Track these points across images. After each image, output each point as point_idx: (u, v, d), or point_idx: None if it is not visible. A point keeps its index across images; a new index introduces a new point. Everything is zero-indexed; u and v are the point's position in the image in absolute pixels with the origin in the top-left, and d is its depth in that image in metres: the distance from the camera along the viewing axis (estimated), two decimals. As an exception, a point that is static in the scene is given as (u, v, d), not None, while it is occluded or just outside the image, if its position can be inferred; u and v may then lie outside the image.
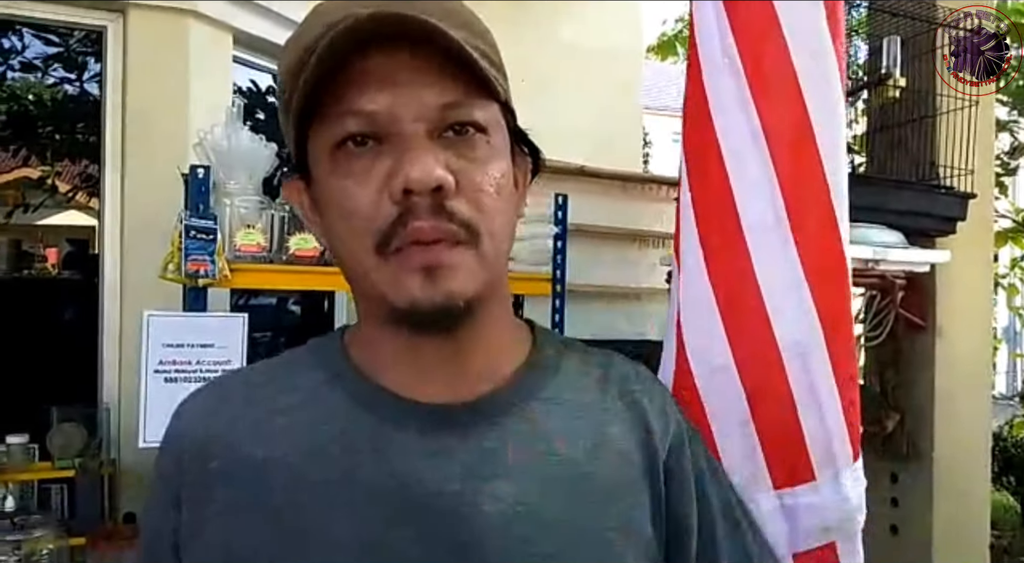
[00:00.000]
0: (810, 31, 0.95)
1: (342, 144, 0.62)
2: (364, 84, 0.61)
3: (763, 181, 0.94)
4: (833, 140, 0.95)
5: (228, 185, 2.09)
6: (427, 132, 0.61)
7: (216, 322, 2.06)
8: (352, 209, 0.62)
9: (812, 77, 0.94)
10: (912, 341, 2.15)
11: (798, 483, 0.94)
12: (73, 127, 5.92)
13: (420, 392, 0.67)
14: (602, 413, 0.72)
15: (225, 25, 2.79)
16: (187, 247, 1.99)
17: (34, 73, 5.90)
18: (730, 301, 0.96)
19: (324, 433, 0.66)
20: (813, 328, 0.94)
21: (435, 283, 0.61)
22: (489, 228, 0.63)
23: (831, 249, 0.95)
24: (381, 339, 0.68)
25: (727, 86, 0.96)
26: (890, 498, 2.21)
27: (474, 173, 0.63)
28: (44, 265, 7.49)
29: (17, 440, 2.32)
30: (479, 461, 0.65)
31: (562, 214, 2.56)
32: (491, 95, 0.64)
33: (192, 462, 0.67)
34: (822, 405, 0.94)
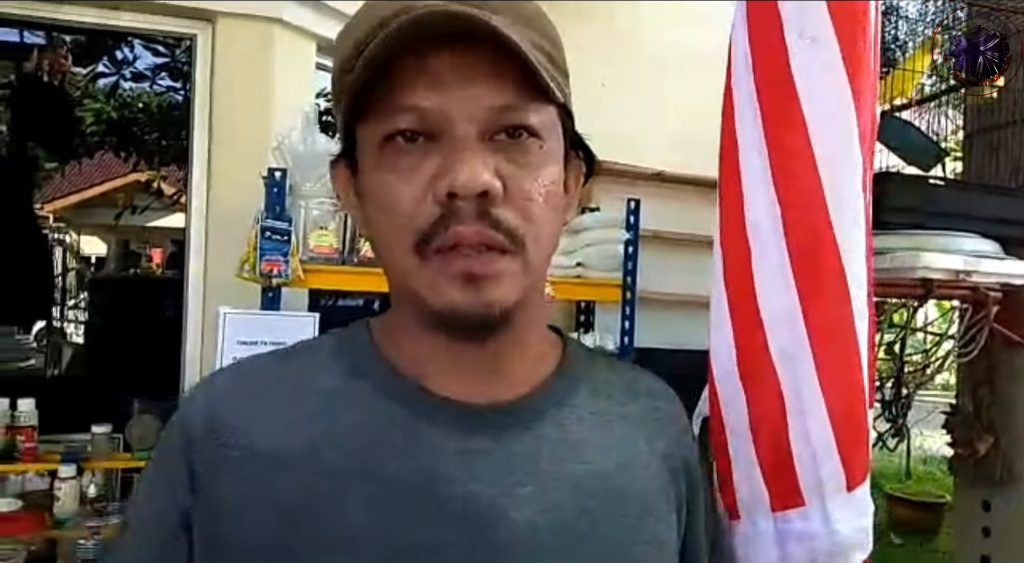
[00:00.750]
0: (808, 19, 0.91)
1: (391, 139, 0.61)
2: (418, 80, 0.59)
3: (763, 183, 0.93)
4: (834, 139, 0.91)
5: (303, 188, 2.14)
6: (479, 134, 0.60)
7: (288, 321, 2.11)
8: (394, 205, 0.61)
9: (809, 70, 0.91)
10: (1008, 358, 2.00)
11: (790, 507, 0.91)
12: (178, 133, 6.23)
13: (453, 390, 0.66)
14: (630, 425, 0.72)
15: (309, 33, 2.87)
16: (262, 247, 2.05)
17: (144, 82, 6.26)
18: (735, 303, 0.95)
19: (347, 424, 0.65)
20: (801, 341, 0.91)
21: (477, 291, 0.60)
22: (535, 236, 0.62)
23: (825, 258, 0.92)
24: (415, 335, 0.67)
25: (743, 90, 0.96)
26: (981, 527, 2.06)
27: (524, 180, 0.61)
28: (149, 265, 7.93)
29: (101, 430, 2.43)
30: (510, 465, 0.64)
31: (634, 219, 2.52)
32: (549, 97, 0.62)
33: (205, 445, 0.65)
34: (808, 424, 0.90)
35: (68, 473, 2.29)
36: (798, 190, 0.91)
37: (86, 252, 11.08)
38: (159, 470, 0.68)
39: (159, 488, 0.67)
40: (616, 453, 0.68)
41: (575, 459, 0.66)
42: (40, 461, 2.38)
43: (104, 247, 10.92)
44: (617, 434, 0.70)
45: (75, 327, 7.54)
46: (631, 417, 0.72)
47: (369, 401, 0.66)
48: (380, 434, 0.64)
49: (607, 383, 0.73)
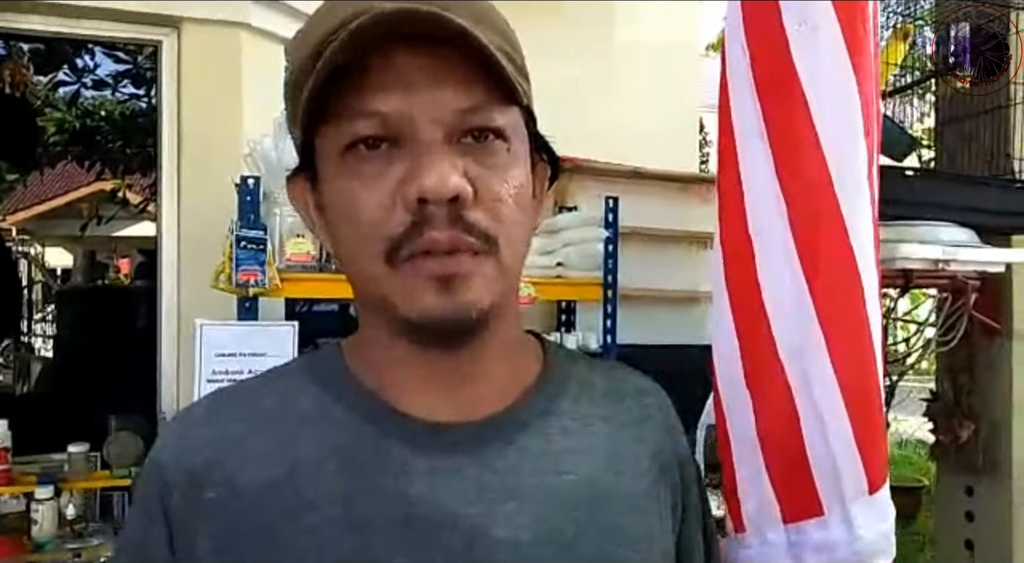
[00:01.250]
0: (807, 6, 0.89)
1: (353, 146, 0.58)
2: (380, 84, 0.57)
3: (765, 176, 0.91)
4: (841, 127, 0.89)
5: (278, 195, 2.11)
6: (445, 136, 0.57)
7: (266, 331, 2.07)
8: (360, 214, 0.58)
9: (810, 59, 0.89)
10: (987, 345, 2.03)
11: (805, 517, 0.87)
12: (142, 140, 6.12)
13: (428, 409, 0.64)
14: (617, 427, 0.70)
15: (276, 36, 2.82)
16: (238, 257, 2.02)
17: (105, 90, 6.15)
18: (738, 302, 0.92)
19: (323, 451, 0.63)
20: (812, 334, 0.87)
21: (451, 293, 0.58)
22: (508, 237, 0.60)
23: (835, 250, 0.89)
24: (386, 352, 0.65)
25: (740, 81, 0.93)
26: (965, 512, 2.09)
27: (493, 181, 0.59)
28: (117, 275, 7.79)
29: (78, 449, 2.38)
30: (492, 481, 0.62)
31: (613, 217, 2.52)
32: (513, 99, 0.61)
33: (183, 493, 0.63)
34: (824, 420, 0.86)
35: (45, 495, 2.23)
36: (804, 181, 0.88)
37: (51, 264, 10.88)
38: (140, 517, 0.66)
39: (142, 534, 0.65)
40: (602, 457, 0.67)
41: (560, 470, 0.65)
42: (15, 483, 2.31)
43: (69, 258, 10.72)
44: (603, 437, 0.68)
45: (43, 341, 7.39)
46: (617, 418, 0.71)
47: (343, 425, 0.64)
48: (356, 459, 0.62)
49: (590, 386, 0.72)
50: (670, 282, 3.35)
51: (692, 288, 3.40)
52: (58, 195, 10.05)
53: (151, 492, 0.64)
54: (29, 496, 2.29)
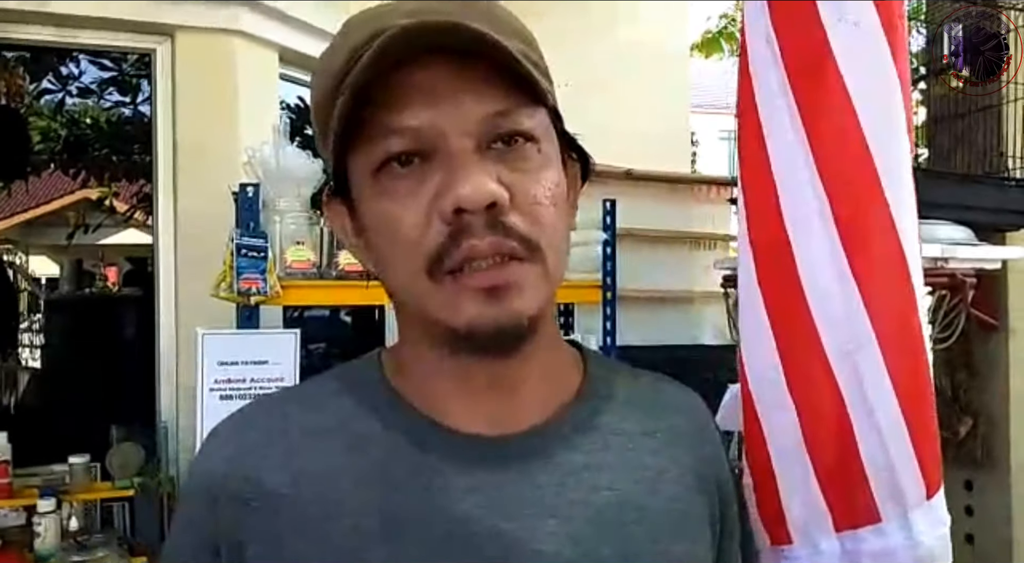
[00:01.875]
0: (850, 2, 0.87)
1: (385, 165, 0.58)
2: (405, 99, 0.57)
3: (804, 174, 0.87)
4: (884, 122, 0.86)
5: (277, 203, 2.10)
6: (475, 146, 0.57)
7: (269, 339, 2.07)
8: (399, 233, 0.58)
9: (853, 54, 0.86)
10: (984, 342, 2.05)
11: (861, 524, 0.83)
12: (129, 148, 6.07)
13: (469, 423, 0.64)
14: (656, 444, 0.69)
15: (270, 43, 2.83)
16: (238, 265, 2.01)
17: (90, 97, 6.09)
18: (776, 305, 0.88)
19: (361, 465, 0.63)
20: (863, 328, 0.83)
21: (499, 303, 0.57)
22: (549, 241, 0.59)
23: (884, 242, 0.85)
24: (428, 366, 0.65)
25: (769, 75, 0.90)
26: (964, 507, 2.11)
27: (528, 184, 0.59)
28: (104, 283, 7.72)
29: (79, 460, 2.36)
30: (534, 497, 0.62)
31: (611, 220, 2.53)
32: (538, 101, 0.60)
33: (227, 505, 0.63)
34: (879, 421, 0.83)
35: (47, 507, 2.21)
36: (850, 177, 0.85)
37: (37, 273, 10.76)
38: (179, 536, 0.67)
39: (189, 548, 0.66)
40: (643, 475, 0.67)
41: (601, 486, 0.64)
42: (16, 497, 2.30)
43: (55, 267, 10.61)
44: (644, 454, 0.68)
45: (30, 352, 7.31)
46: (658, 435, 0.70)
47: (385, 442, 0.63)
48: (399, 476, 0.62)
49: (631, 401, 0.71)
50: (664, 282, 3.36)
51: (687, 288, 3.42)
52: (43, 203, 9.96)
53: (196, 504, 0.65)
54: (30, 509, 2.28)
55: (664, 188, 3.42)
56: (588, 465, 0.65)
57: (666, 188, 3.43)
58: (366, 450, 0.63)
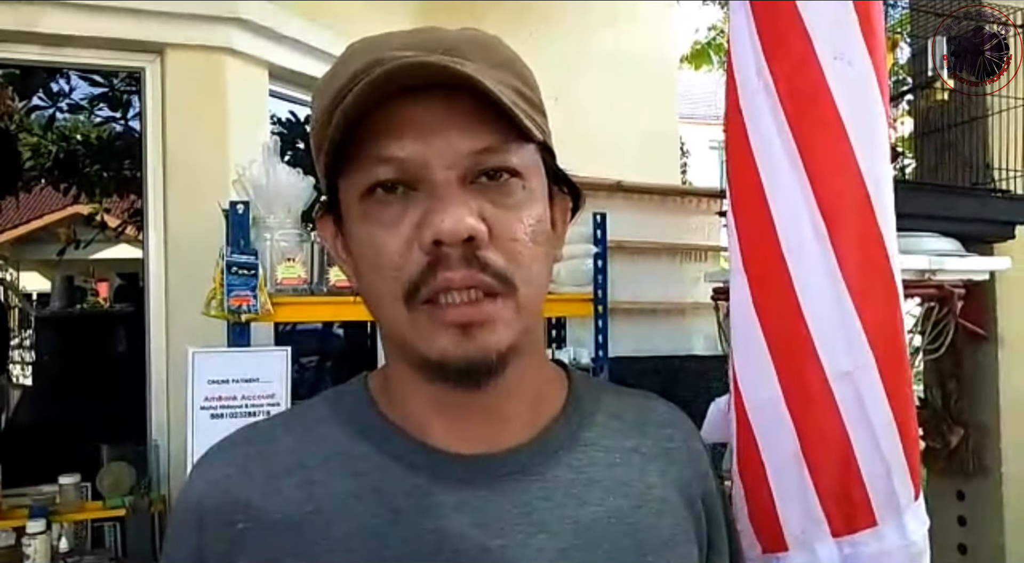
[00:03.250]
0: (842, 40, 0.91)
1: (371, 191, 0.60)
2: (396, 130, 0.59)
3: (800, 200, 0.91)
4: (874, 153, 0.91)
5: (268, 220, 2.10)
6: (459, 179, 0.59)
7: (260, 357, 2.06)
8: (380, 258, 0.60)
9: (847, 89, 0.91)
10: (974, 352, 2.06)
11: (858, 529, 0.88)
12: (120, 164, 6.06)
13: (456, 443, 0.65)
14: (642, 459, 0.71)
15: (260, 60, 2.83)
16: (229, 283, 2.01)
17: (81, 113, 6.09)
18: (774, 328, 0.92)
19: (353, 488, 0.64)
20: (863, 352, 0.88)
21: (470, 339, 0.59)
22: (524, 277, 0.61)
23: (877, 265, 0.90)
24: (412, 388, 0.66)
25: (761, 105, 0.93)
26: (957, 516, 2.11)
27: (508, 221, 0.61)
28: (96, 299, 7.69)
29: (69, 480, 2.35)
30: (522, 514, 0.63)
31: (601, 233, 2.54)
32: (527, 137, 0.62)
33: (215, 528, 0.64)
34: (877, 437, 0.88)
35: (37, 528, 2.19)
36: (846, 205, 0.89)
37: (27, 289, 10.71)
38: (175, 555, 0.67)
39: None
40: (630, 491, 0.68)
41: (588, 501, 0.66)
42: (5, 517, 2.28)
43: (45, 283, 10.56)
44: (630, 470, 0.69)
45: (21, 369, 7.27)
46: (644, 450, 0.71)
47: (373, 463, 0.65)
48: (389, 498, 0.63)
49: (616, 417, 0.73)
50: (655, 294, 3.37)
51: (678, 299, 3.42)
52: (33, 219, 9.93)
53: (186, 530, 0.66)
54: (19, 530, 2.26)
55: (655, 200, 3.44)
56: (575, 481, 0.66)
57: (656, 200, 3.45)
58: (357, 473, 0.64)
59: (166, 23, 2.58)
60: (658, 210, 3.44)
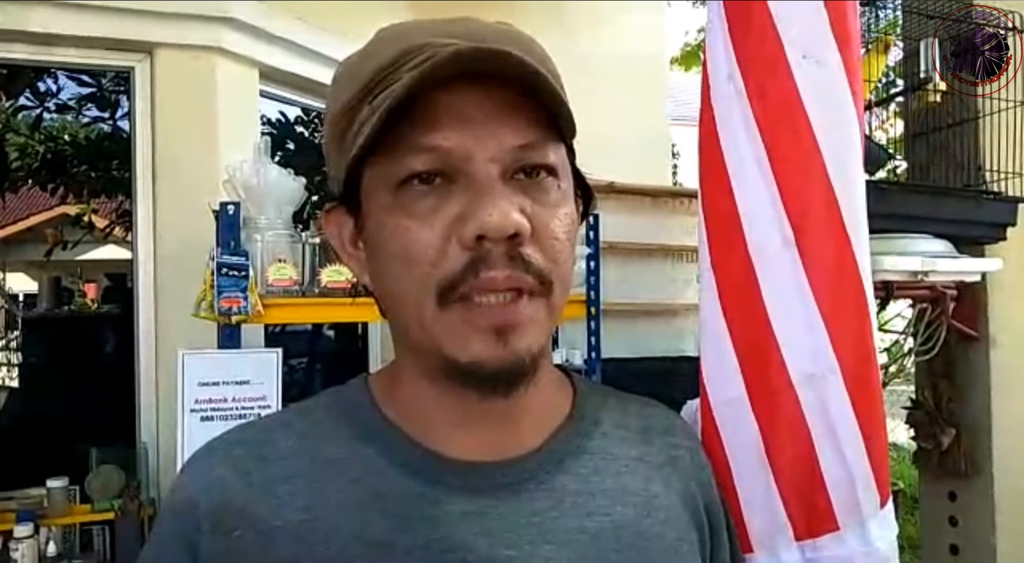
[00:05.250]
0: (812, 41, 0.91)
1: (407, 181, 0.58)
2: (437, 120, 0.57)
3: (768, 206, 0.90)
4: (845, 158, 0.91)
5: (258, 221, 2.09)
6: (501, 174, 0.58)
7: (250, 359, 2.05)
8: (414, 253, 0.58)
9: (817, 91, 0.90)
10: (966, 353, 2.07)
11: (820, 533, 0.88)
12: (108, 164, 6.02)
13: (464, 450, 0.64)
14: (647, 468, 0.70)
15: (251, 60, 2.81)
16: (219, 284, 1.99)
17: (68, 113, 6.04)
18: (740, 329, 0.91)
19: (353, 494, 0.62)
20: (827, 357, 0.88)
21: (505, 343, 0.58)
22: (560, 276, 0.60)
23: (846, 274, 0.90)
24: (424, 393, 0.64)
25: (731, 109, 0.93)
26: (948, 517, 2.12)
27: (548, 218, 0.59)
28: (83, 300, 7.63)
29: (57, 484, 2.32)
30: (529, 524, 0.62)
31: (594, 234, 2.53)
32: (562, 136, 0.61)
33: (211, 534, 0.62)
34: (841, 443, 0.88)
35: (24, 532, 2.17)
36: (813, 209, 0.89)
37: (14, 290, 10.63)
38: (162, 555, 0.64)
39: None
40: (636, 500, 0.67)
41: (595, 511, 0.65)
42: (-8, 522, 2.26)
43: (32, 284, 10.48)
44: (635, 480, 0.68)
45: (7, 370, 7.21)
46: (648, 459, 0.71)
47: (377, 469, 0.63)
48: (393, 505, 0.61)
49: (621, 425, 0.72)
50: (648, 295, 3.37)
51: (670, 300, 3.43)
52: (20, 219, 9.85)
53: (176, 531, 0.63)
54: (6, 534, 2.23)
55: (646, 201, 3.44)
56: (581, 491, 0.65)
57: (648, 201, 3.45)
58: (359, 478, 0.62)
59: (156, 22, 2.56)
60: (650, 211, 3.44)
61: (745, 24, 0.93)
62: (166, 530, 0.65)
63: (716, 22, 0.96)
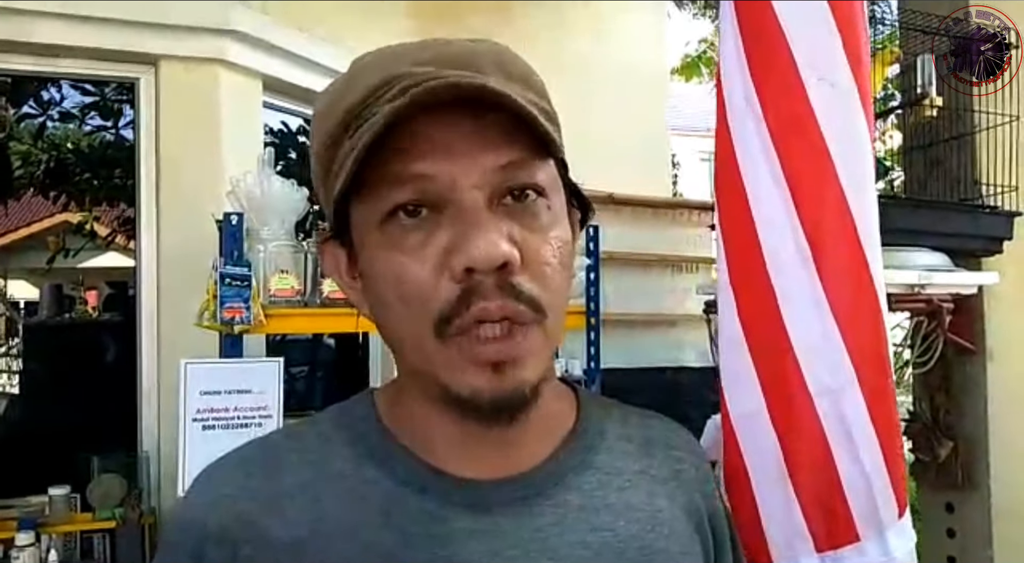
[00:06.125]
0: (826, 63, 0.93)
1: (392, 214, 0.57)
2: (418, 149, 0.56)
3: (786, 222, 0.92)
4: (858, 174, 0.92)
5: (261, 231, 2.11)
6: (487, 200, 0.57)
7: (252, 368, 2.06)
8: (408, 288, 0.57)
9: (831, 112, 0.92)
10: (963, 365, 2.08)
11: (841, 544, 0.89)
12: (110, 172, 6.03)
13: (467, 468, 0.63)
14: (651, 482, 0.70)
15: (254, 72, 2.84)
16: (222, 294, 2.01)
17: (72, 122, 6.07)
18: (759, 342, 0.93)
19: (361, 511, 0.62)
20: (845, 371, 0.89)
21: (502, 377, 0.57)
22: (553, 303, 0.59)
23: (861, 287, 0.92)
24: (426, 414, 0.64)
25: (748, 129, 0.95)
26: (946, 529, 2.13)
27: (538, 244, 0.58)
28: (84, 308, 7.63)
29: (59, 492, 2.33)
30: (534, 540, 0.62)
31: (594, 245, 2.55)
32: (548, 152, 0.60)
33: (218, 551, 0.62)
34: (860, 454, 0.89)
35: (26, 540, 2.18)
36: (830, 224, 0.91)
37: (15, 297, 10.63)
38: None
39: None
40: (640, 515, 0.67)
41: (599, 526, 0.64)
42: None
43: (33, 291, 10.48)
44: (638, 494, 0.68)
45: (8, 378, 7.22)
46: (651, 473, 0.70)
47: (383, 486, 0.63)
48: (399, 523, 0.61)
49: (625, 438, 0.71)
50: (648, 305, 3.38)
51: (670, 311, 3.44)
52: (21, 227, 9.87)
53: (184, 547, 0.63)
54: (7, 542, 2.24)
55: (646, 212, 3.46)
56: (584, 506, 0.65)
57: (648, 212, 3.47)
58: (365, 497, 0.63)
59: (160, 34, 2.59)
60: (650, 222, 3.46)
61: (759, 45, 0.94)
62: (174, 546, 0.65)
63: (730, 42, 0.97)
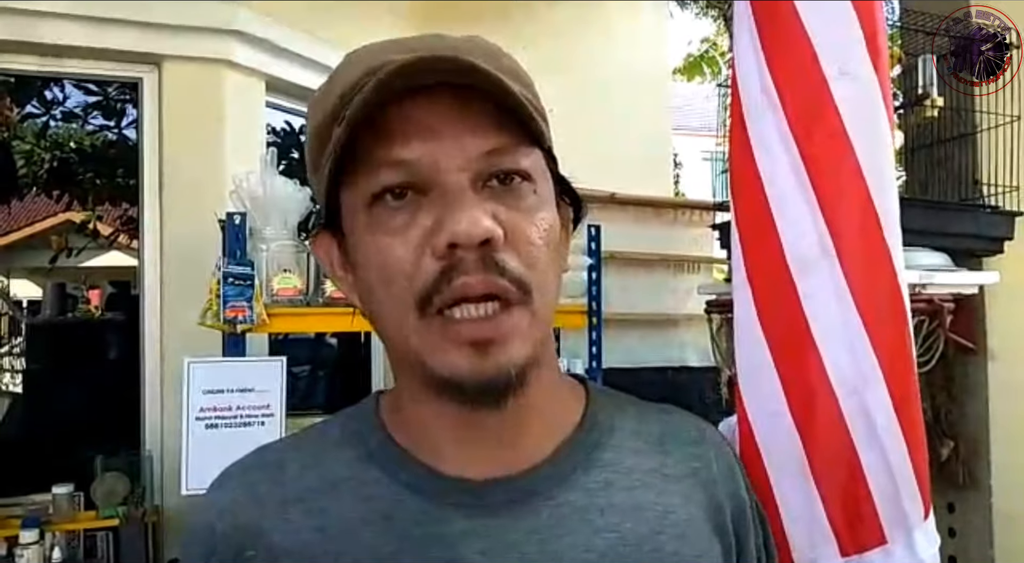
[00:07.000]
0: (848, 57, 0.91)
1: (379, 197, 0.58)
2: (403, 132, 0.56)
3: (807, 216, 0.89)
4: (880, 167, 0.90)
5: (264, 231, 2.12)
6: (471, 182, 0.57)
7: (255, 367, 2.06)
8: (391, 268, 0.57)
9: (853, 105, 0.90)
10: (964, 365, 2.08)
11: (867, 547, 0.86)
12: (113, 172, 6.04)
13: (468, 467, 0.63)
14: (664, 480, 0.67)
15: (258, 72, 2.85)
16: (225, 294, 2.02)
17: (75, 121, 6.08)
18: (780, 341, 0.89)
19: (363, 515, 0.62)
20: (870, 368, 0.87)
21: (485, 356, 0.56)
22: (540, 283, 0.58)
23: (885, 282, 0.89)
24: (422, 411, 0.64)
25: (768, 122, 0.92)
26: (947, 528, 2.13)
27: (523, 224, 0.58)
28: (87, 307, 7.64)
29: (62, 490, 2.34)
30: (533, 542, 0.61)
31: (595, 245, 2.55)
32: (535, 141, 0.60)
33: (226, 556, 0.63)
34: (887, 454, 0.85)
35: (30, 538, 2.19)
36: (852, 216, 0.88)
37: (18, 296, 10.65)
38: None
39: None
40: (649, 515, 0.64)
41: (603, 528, 0.62)
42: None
43: (36, 290, 10.50)
44: (649, 493, 0.65)
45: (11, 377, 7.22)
46: (665, 471, 0.67)
47: (384, 489, 0.63)
48: (397, 524, 0.61)
49: (637, 435, 0.69)
50: (649, 305, 3.39)
51: (672, 310, 3.44)
52: (24, 226, 9.89)
53: (196, 555, 0.65)
54: (11, 540, 2.25)
55: (648, 211, 3.46)
56: (588, 507, 0.63)
57: (650, 211, 3.47)
58: (367, 499, 0.63)
59: (164, 35, 2.60)
60: (652, 222, 3.46)
61: (777, 38, 0.93)
62: (187, 555, 0.67)
63: (746, 36, 0.95)
